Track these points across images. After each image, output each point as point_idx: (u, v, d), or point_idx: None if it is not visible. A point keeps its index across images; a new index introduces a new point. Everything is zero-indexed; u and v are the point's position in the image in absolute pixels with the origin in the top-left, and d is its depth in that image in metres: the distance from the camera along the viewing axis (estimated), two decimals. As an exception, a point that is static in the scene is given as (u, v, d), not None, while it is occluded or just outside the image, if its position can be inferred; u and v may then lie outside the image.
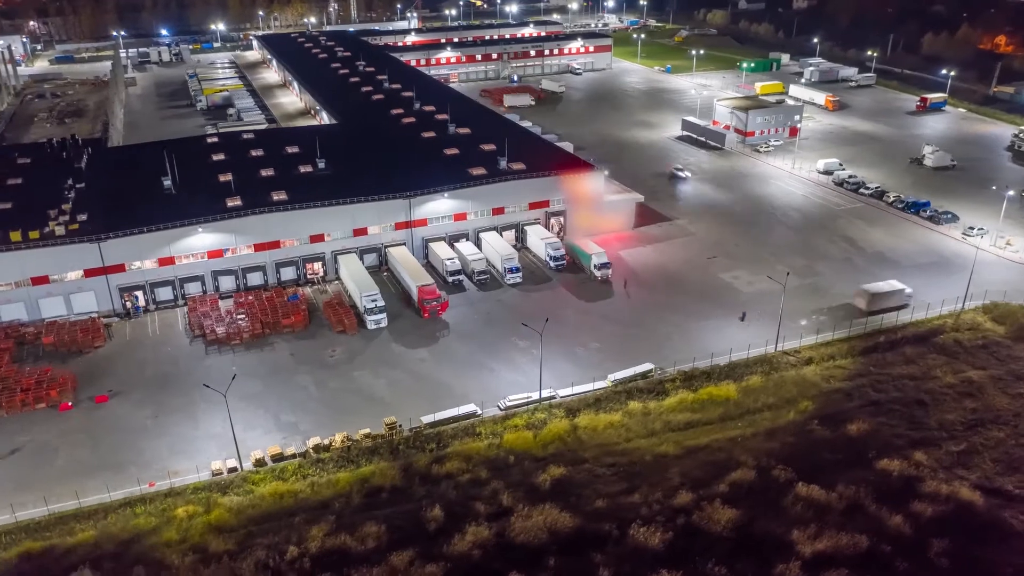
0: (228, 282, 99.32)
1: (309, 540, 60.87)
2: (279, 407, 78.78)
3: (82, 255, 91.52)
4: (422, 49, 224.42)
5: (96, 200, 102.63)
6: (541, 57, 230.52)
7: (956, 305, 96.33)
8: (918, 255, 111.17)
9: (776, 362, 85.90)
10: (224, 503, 65.07)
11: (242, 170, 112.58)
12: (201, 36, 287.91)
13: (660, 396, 79.28)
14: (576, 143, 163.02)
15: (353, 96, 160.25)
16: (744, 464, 69.30)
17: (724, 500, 64.67)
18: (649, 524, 61.89)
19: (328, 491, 66.55)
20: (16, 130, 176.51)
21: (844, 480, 67.00)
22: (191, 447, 72.60)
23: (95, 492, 66.67)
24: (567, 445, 72.65)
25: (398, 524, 62.94)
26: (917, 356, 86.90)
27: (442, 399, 79.28)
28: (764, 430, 74.88)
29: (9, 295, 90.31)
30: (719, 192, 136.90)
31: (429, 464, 69.47)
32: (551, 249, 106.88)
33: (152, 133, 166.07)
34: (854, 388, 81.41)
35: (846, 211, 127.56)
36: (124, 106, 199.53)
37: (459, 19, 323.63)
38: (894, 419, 76.40)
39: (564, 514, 63.08)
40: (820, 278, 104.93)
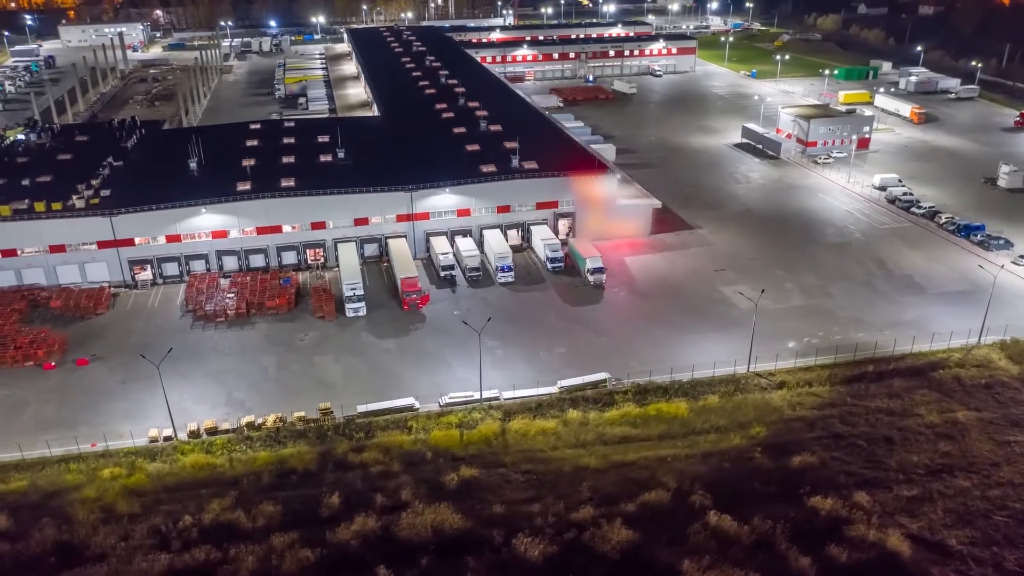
0: (232, 262, 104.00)
1: (206, 512, 63.14)
2: (235, 384, 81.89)
3: (96, 228, 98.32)
4: (499, 46, 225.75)
5: (124, 178, 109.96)
6: (620, 58, 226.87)
7: (974, 338, 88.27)
8: (951, 281, 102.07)
9: (745, 383, 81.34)
10: (147, 468, 68.48)
11: (267, 156, 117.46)
12: (304, 28, 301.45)
13: (605, 407, 76.78)
14: (626, 146, 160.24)
15: (407, 90, 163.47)
16: (663, 485, 66.17)
17: (626, 520, 62.02)
18: (536, 535, 60.35)
19: (243, 468, 68.74)
20: (111, 110, 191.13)
21: (764, 514, 62.81)
22: (143, 413, 76.58)
23: (44, 447, 71.70)
24: (491, 448, 71.74)
25: (295, 507, 64.21)
26: (905, 390, 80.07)
27: (389, 390, 80.00)
28: (701, 452, 71.17)
29: (30, 260, 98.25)
30: (758, 202, 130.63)
31: (347, 452, 70.46)
32: (549, 250, 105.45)
33: (226, 117, 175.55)
34: (820, 418, 75.96)
35: (889, 230, 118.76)
36: (212, 92, 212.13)
37: (559, 17, 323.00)
38: (851, 455, 70.78)
39: (456, 515, 62.40)
40: (829, 300, 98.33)
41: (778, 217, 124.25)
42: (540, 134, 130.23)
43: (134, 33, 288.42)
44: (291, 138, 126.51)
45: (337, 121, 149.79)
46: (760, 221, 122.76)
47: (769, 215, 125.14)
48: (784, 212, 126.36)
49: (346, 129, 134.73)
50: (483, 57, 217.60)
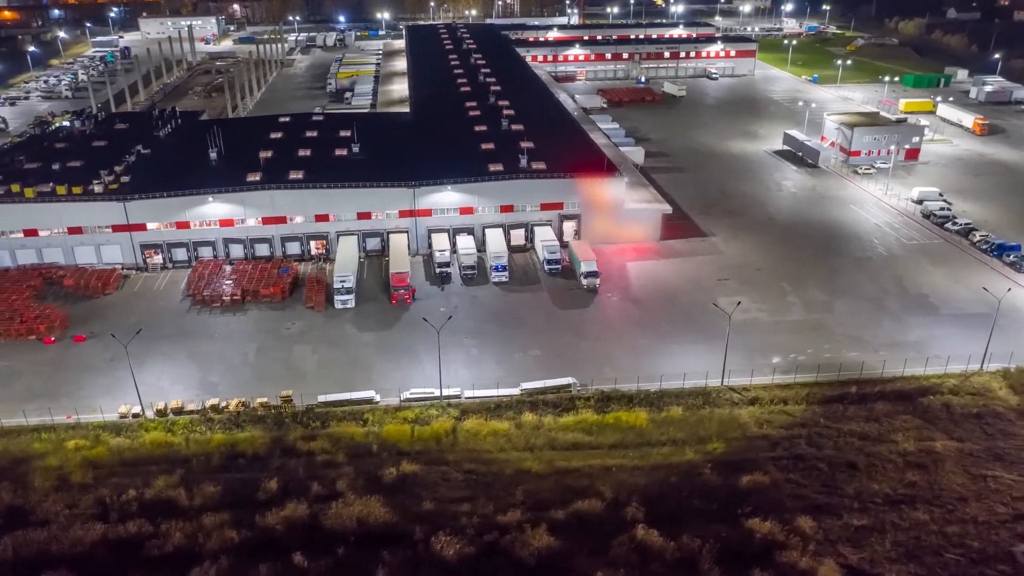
0: (238, 250, 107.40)
1: (151, 488, 65.52)
2: (213, 367, 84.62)
3: (110, 212, 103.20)
4: (551, 45, 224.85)
5: (148, 165, 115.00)
6: (675, 60, 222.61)
7: (976, 364, 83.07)
8: (969, 303, 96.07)
9: (716, 397, 78.88)
10: (109, 442, 71.62)
11: (286, 148, 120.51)
12: (371, 24, 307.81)
13: (564, 412, 75.79)
14: (660, 149, 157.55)
15: (443, 87, 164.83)
16: (599, 495, 64.88)
17: (552, 527, 61.17)
18: (457, 535, 60.18)
19: (197, 448, 71.03)
20: (170, 100, 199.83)
21: (695, 532, 60.82)
22: (121, 390, 79.76)
23: (23, 416, 75.79)
24: (439, 445, 71.87)
25: (235, 489, 65.94)
26: (886, 414, 76.03)
27: (357, 382, 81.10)
28: (651, 465, 69.41)
29: (50, 240, 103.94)
30: (783, 212, 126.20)
31: (298, 440, 71.85)
32: (547, 252, 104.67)
33: (274, 109, 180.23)
34: (785, 437, 72.96)
35: (917, 247, 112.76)
36: (269, 84, 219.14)
37: (628, 17, 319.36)
38: (808, 478, 67.73)
39: (384, 509, 62.82)
40: (830, 316, 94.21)
41: (801, 228, 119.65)
42: (562, 135, 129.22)
43: (208, 26, 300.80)
44: (314, 132, 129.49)
45: (366, 116, 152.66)
46: (780, 231, 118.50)
47: (792, 225, 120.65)
48: (808, 223, 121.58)
49: (371, 124, 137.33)
50: (534, 56, 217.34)
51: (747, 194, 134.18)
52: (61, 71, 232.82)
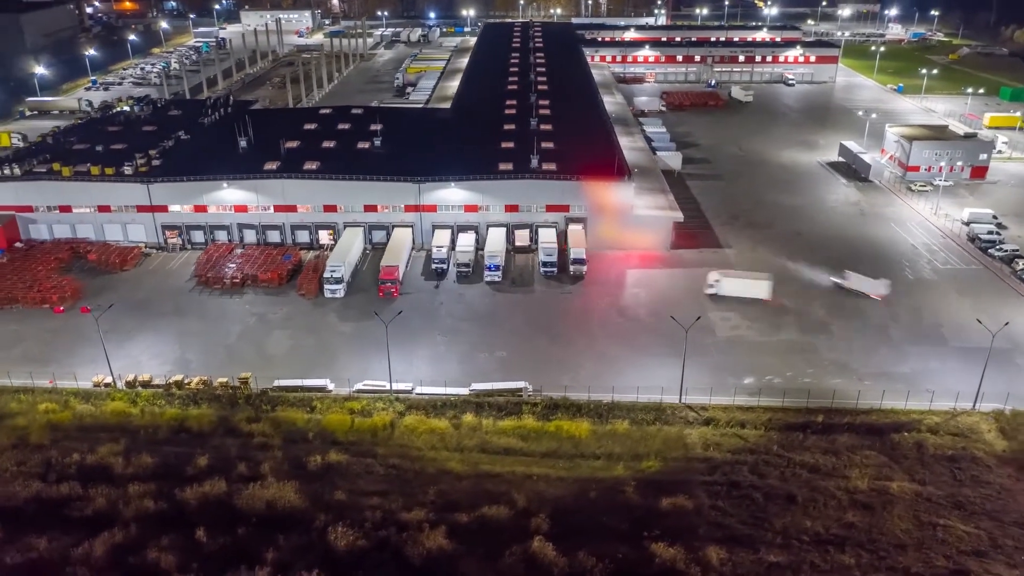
0: (251, 236, 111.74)
1: (94, 454, 69.36)
2: (192, 346, 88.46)
3: (135, 193, 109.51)
4: (620, 46, 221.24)
5: (181, 150, 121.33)
6: (751, 64, 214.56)
7: (969, 402, 76.60)
8: (985, 337, 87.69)
9: (670, 414, 76.05)
10: (76, 408, 76.22)
11: (313, 139, 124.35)
12: (458, 21, 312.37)
13: (507, 416, 74.97)
14: (706, 156, 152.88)
15: (492, 84, 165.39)
16: (511, 503, 63.90)
17: (452, 530, 60.81)
18: (355, 528, 60.74)
19: (149, 420, 74.55)
20: (246, 90, 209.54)
21: (595, 550, 58.98)
22: (103, 358, 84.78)
23: (19, 377, 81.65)
24: (374, 438, 72.59)
25: (170, 462, 68.83)
26: (849, 448, 71.20)
27: (319, 369, 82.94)
28: (576, 477, 67.78)
29: (83, 217, 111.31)
30: (815, 226, 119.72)
31: (242, 421, 74.24)
32: (543, 254, 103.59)
33: (340, 101, 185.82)
34: (729, 462, 69.56)
35: (951, 272, 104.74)
36: (343, 77, 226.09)
37: (722, 19, 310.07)
38: (737, 507, 64.38)
39: (296, 495, 64.19)
40: (824, 338, 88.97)
41: (827, 244, 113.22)
42: (588, 137, 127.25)
43: (304, 20, 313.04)
44: (347, 124, 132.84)
45: (404, 111, 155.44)
46: (803, 246, 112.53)
47: (819, 241, 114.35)
48: (838, 239, 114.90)
49: (407, 119, 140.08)
50: (603, 56, 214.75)
51: (781, 206, 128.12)
52: (157, 59, 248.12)
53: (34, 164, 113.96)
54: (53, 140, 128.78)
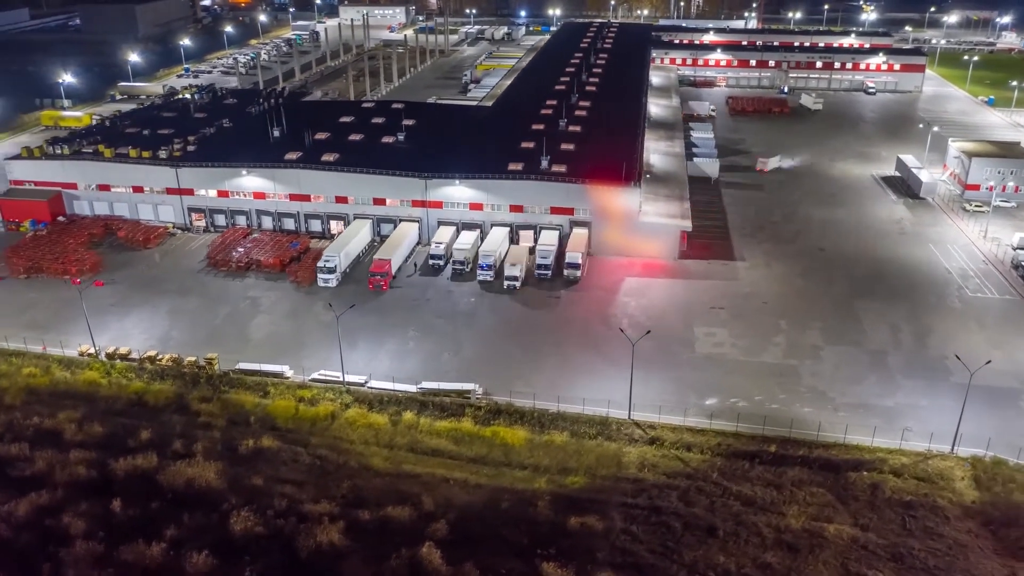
0: (268, 222, 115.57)
1: (52, 419, 73.47)
2: (181, 324, 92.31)
3: (165, 176, 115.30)
4: (691, 49, 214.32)
5: (218, 137, 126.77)
6: (829, 70, 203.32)
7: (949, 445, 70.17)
8: (996, 375, 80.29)
9: (616, 429, 73.33)
10: (55, 375, 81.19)
11: (343, 131, 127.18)
12: (545, 20, 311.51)
13: (447, 417, 74.36)
14: (751, 164, 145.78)
15: (538, 84, 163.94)
16: (418, 505, 63.33)
17: (350, 526, 60.85)
18: (257, 514, 61.79)
19: (113, 392, 78.40)
20: (322, 83, 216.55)
21: (483, 563, 57.55)
22: (102, 331, 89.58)
23: (19, 341, 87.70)
24: (312, 427, 73.63)
25: (116, 432, 72.05)
26: (796, 482, 66.54)
27: (289, 355, 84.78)
28: (494, 485, 66.43)
29: (120, 196, 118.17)
30: (844, 244, 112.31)
31: (196, 399, 76.88)
32: (539, 257, 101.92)
33: (405, 96, 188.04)
34: (660, 485, 66.45)
35: (981, 301, 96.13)
36: (417, 73, 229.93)
37: (821, 23, 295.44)
38: (649, 533, 61.37)
39: (216, 477, 65.94)
40: (809, 364, 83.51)
41: (850, 263, 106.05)
42: (614, 141, 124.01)
43: (397, 15, 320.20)
44: (381, 119, 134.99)
45: (444, 107, 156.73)
46: (824, 264, 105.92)
47: (842, 259, 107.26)
48: (863, 258, 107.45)
49: (443, 116, 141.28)
50: (672, 59, 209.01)
51: (814, 220, 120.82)
52: (251, 50, 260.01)
53: (83, 145, 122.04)
54: (110, 123, 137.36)
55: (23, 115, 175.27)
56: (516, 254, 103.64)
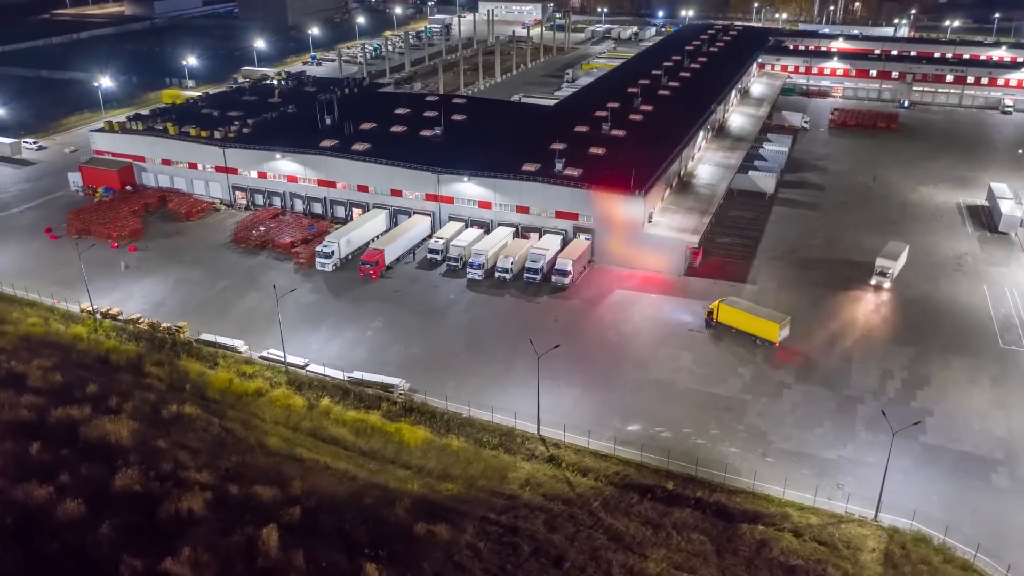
0: (299, 204, 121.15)
1: (27, 364, 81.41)
2: (179, 292, 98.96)
3: (214, 155, 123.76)
4: (805, 55, 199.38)
5: (275, 121, 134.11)
6: (960, 85, 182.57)
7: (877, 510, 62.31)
8: (985, 441, 70.49)
9: (518, 443, 71.10)
10: (52, 326, 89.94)
11: (390, 122, 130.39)
12: (676, 21, 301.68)
13: (364, 408, 75.12)
14: (824, 182, 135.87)
15: (616, 85, 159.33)
16: (287, 488, 64.61)
17: (216, 499, 63.17)
18: (141, 474, 65.50)
19: (89, 347, 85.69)
20: (430, 76, 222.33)
21: (312, 553, 57.95)
22: (110, 291, 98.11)
23: (33, 291, 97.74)
24: (236, 401, 76.94)
25: (70, 383, 78.60)
26: (679, 525, 61.58)
27: (255, 331, 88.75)
28: (372, 482, 66.48)
29: (178, 171, 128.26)
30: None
31: (150, 362, 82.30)
32: (529, 260, 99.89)
33: (502, 92, 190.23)
34: (531, 506, 63.82)
35: (1007, 355, 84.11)
36: (527, 69, 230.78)
37: (990, 33, 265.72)
38: (493, 554, 59.14)
39: (129, 435, 70.52)
40: (764, 402, 76.66)
41: (875, 299, 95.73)
42: (650, 148, 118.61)
43: (534, 12, 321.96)
44: (435, 112, 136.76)
45: (505, 104, 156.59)
46: (844, 299, 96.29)
47: (870, 295, 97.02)
48: (894, 296, 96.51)
49: (496, 113, 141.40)
50: (784, 66, 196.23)
51: (858, 248, 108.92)
52: (380, 41, 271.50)
53: (156, 122, 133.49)
54: (192, 103, 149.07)
55: (149, 92, 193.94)
56: (512, 247, 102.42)
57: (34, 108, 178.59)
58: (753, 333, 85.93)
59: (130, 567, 56.98)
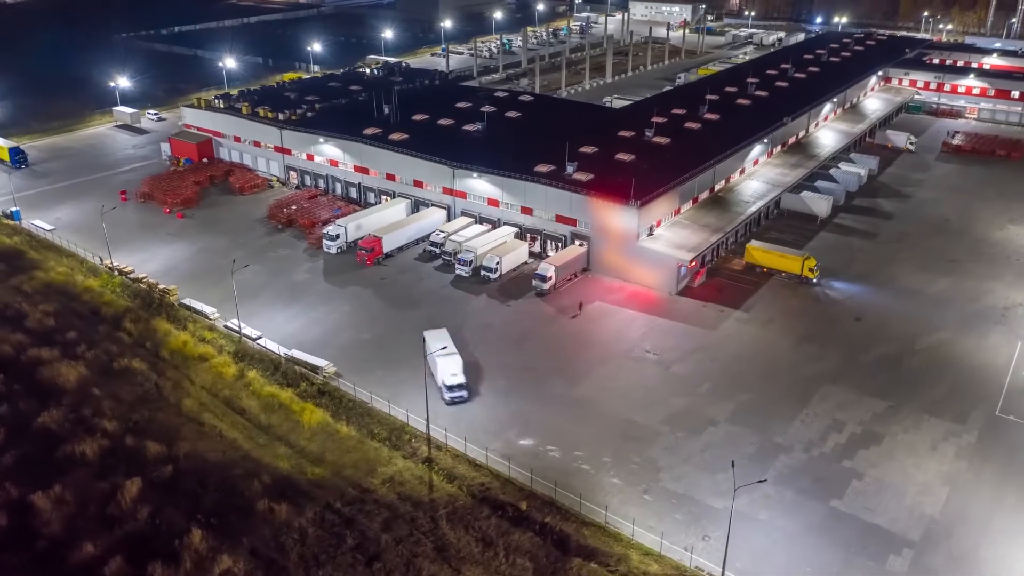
0: (339, 188, 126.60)
1: (35, 307, 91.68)
2: (195, 259, 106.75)
3: (273, 135, 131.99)
4: (938, 70, 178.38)
5: (340, 107, 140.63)
6: None
7: (727, 572, 56.63)
8: (904, 518, 61.52)
9: (405, 440, 70.99)
10: (74, 277, 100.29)
11: (442, 115, 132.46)
12: (831, 28, 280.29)
13: (285, 385, 78.06)
14: (895, 209, 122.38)
15: (693, 92, 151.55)
16: (172, 447, 68.73)
17: (109, 447, 68.66)
18: (61, 416, 72.20)
19: (91, 299, 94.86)
20: (544, 74, 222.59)
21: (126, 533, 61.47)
22: (144, 253, 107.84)
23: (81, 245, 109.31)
24: (182, 362, 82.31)
25: (58, 327, 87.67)
26: (511, 547, 59.12)
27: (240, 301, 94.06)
28: (251, 454, 69.18)
29: (246, 148, 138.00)
30: (897, 318, 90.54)
31: (130, 319, 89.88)
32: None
33: (613, 92, 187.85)
34: (380, 502, 63.78)
35: (998, 425, 72.51)
36: (647, 71, 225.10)
37: None
38: (319, 540, 59.83)
39: (75, 382, 77.57)
40: (684, 438, 71.08)
41: (881, 343, 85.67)
42: (681, 157, 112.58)
43: (682, 13, 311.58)
44: (492, 108, 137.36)
45: (573, 105, 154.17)
46: (841, 336, 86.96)
47: (875, 336, 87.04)
48: (906, 341, 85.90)
49: (559, 113, 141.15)
50: (912, 81, 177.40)
51: (892, 286, 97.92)
52: (515, 36, 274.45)
53: (239, 101, 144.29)
54: (280, 86, 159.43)
55: (277, 75, 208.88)
56: (502, 248, 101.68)
57: (169, 83, 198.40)
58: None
59: (6, 494, 63.49)
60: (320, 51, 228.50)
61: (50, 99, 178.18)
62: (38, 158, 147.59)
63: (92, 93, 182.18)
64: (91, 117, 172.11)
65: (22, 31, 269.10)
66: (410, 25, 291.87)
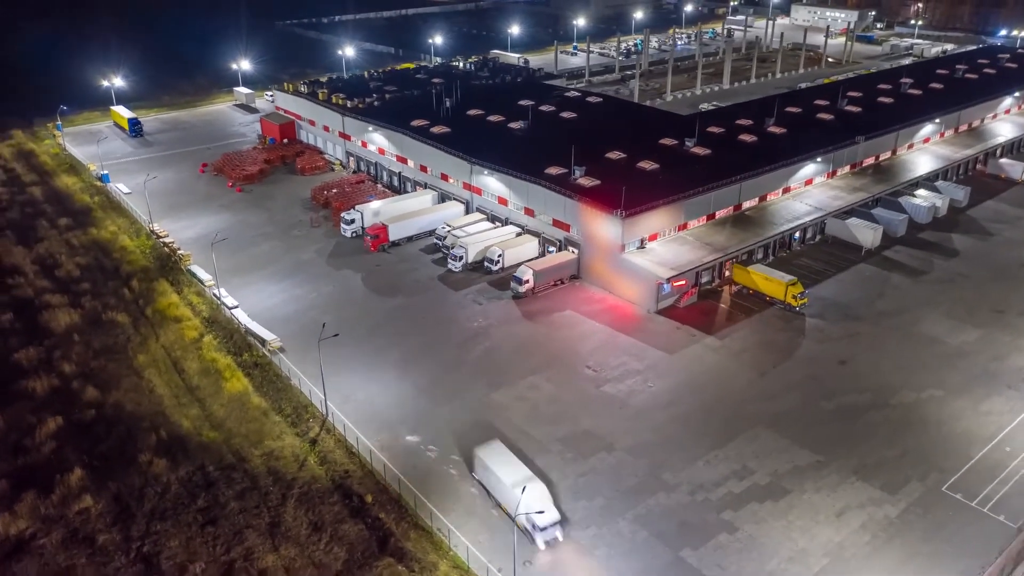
0: (384, 176, 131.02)
1: (72, 258, 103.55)
2: (229, 230, 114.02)
3: (337, 121, 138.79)
4: None
5: (409, 99, 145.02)
6: None
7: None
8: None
9: (306, 418, 73.49)
10: (118, 237, 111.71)
11: (494, 110, 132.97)
12: (1013, 40, 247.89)
13: (231, 352, 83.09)
14: (959, 247, 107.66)
15: (777, 103, 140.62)
16: (105, 394, 75.41)
17: (56, 386, 76.60)
18: (36, 355, 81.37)
19: (120, 256, 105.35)
20: (656, 76, 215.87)
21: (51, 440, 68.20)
22: (185, 218, 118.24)
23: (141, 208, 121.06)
24: (160, 321, 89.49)
25: (78, 279, 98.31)
26: (335, 536, 60.03)
27: (241, 273, 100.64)
28: (162, 412, 74.32)
29: (318, 131, 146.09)
30: (893, 366, 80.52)
31: (146, 280, 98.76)
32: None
33: (724, 100, 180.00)
34: (252, 475, 66.31)
35: (942, 504, 62.83)
36: (769, 79, 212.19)
37: None
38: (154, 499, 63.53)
39: (65, 327, 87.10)
40: (569, 463, 67.78)
41: (857, 390, 76.86)
42: (709, 169, 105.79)
43: (846, 20, 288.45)
44: (551, 107, 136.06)
45: (634, 109, 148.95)
46: (813, 378, 78.90)
47: (856, 382, 78.13)
48: (891, 394, 76.35)
49: (621, 116, 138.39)
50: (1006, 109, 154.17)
51: (908, 331, 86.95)
52: (660, 38, 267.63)
53: (322, 87, 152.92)
54: (370, 76, 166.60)
55: (398, 64, 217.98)
56: (508, 242, 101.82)
57: (298, 67, 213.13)
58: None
59: (-48, 417, 73.03)
60: (449, 44, 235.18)
61: (187, 76, 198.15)
62: (156, 128, 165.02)
63: (224, 74, 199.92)
64: (216, 95, 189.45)
65: (179, 14, 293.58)
66: (551, 22, 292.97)
